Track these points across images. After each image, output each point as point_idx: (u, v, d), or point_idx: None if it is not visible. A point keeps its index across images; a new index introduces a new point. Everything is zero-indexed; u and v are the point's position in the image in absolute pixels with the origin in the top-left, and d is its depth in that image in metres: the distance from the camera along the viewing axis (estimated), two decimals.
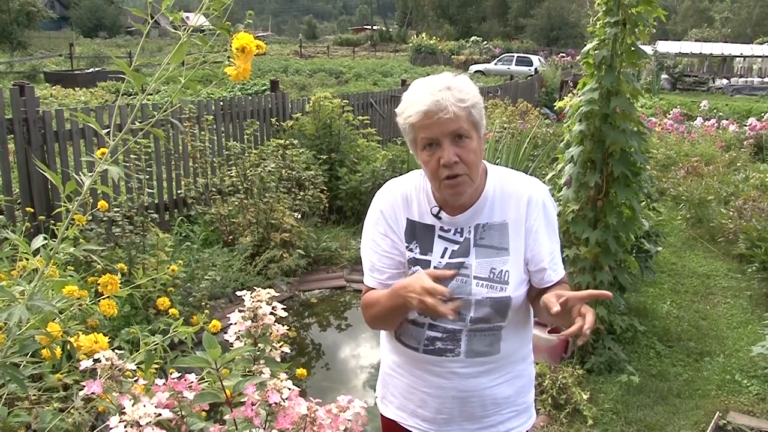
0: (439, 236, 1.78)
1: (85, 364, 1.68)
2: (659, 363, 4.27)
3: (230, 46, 1.63)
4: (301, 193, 5.94)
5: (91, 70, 23.25)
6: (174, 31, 1.69)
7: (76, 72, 22.78)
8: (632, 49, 3.84)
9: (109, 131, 1.86)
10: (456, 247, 1.76)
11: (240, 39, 1.62)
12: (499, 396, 1.82)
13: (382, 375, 2.00)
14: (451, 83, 1.64)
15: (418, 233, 1.80)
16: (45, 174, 5.10)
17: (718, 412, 3.64)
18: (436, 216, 1.79)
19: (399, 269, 1.82)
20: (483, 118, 1.69)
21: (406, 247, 1.81)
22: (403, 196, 1.84)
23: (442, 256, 1.76)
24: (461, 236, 1.76)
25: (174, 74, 1.72)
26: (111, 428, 1.38)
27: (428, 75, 1.78)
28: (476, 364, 1.76)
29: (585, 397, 3.65)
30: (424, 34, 42.56)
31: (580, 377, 3.82)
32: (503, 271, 1.73)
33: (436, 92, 1.62)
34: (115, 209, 4.60)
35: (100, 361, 1.70)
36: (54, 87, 17.62)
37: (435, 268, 1.75)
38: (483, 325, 1.74)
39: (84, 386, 1.58)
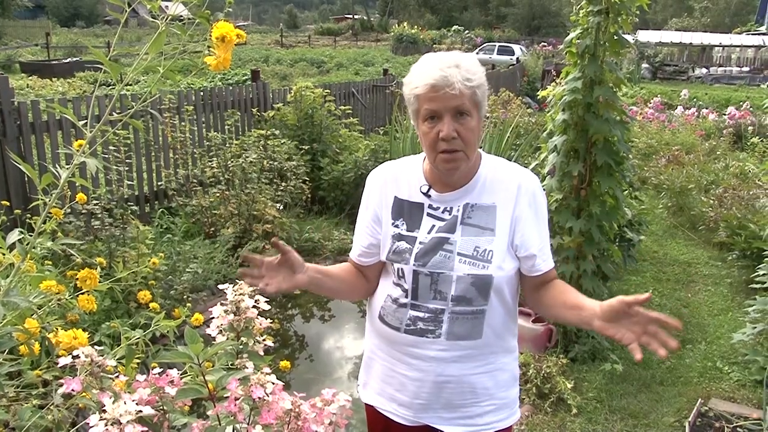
0: (428, 214, 1.81)
1: (64, 360, 1.64)
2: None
3: (210, 36, 1.60)
4: (283, 184, 5.89)
5: (68, 60, 22.92)
6: (152, 20, 1.65)
7: (53, 62, 22.45)
8: (615, 38, 3.83)
9: (87, 123, 1.82)
10: (443, 224, 1.78)
11: (220, 28, 1.59)
12: (478, 385, 1.81)
13: (365, 360, 2.01)
14: (460, 62, 1.68)
15: (405, 211, 1.83)
16: (21, 167, 4.96)
17: (700, 399, 3.67)
18: (426, 194, 1.81)
19: (370, 249, 1.88)
20: (485, 100, 1.74)
21: (392, 223, 1.83)
22: (392, 176, 1.89)
23: (429, 232, 1.78)
24: (449, 214, 1.79)
25: (153, 64, 1.68)
26: (91, 427, 1.35)
27: (410, 64, 1.79)
28: (456, 348, 1.76)
29: (569, 386, 3.66)
30: (405, 24, 42.36)
31: (564, 366, 3.83)
32: (487, 251, 1.74)
33: (445, 68, 1.65)
34: (94, 202, 4.53)
35: (79, 358, 1.67)
36: (30, 77, 17.39)
37: (420, 243, 1.77)
38: (465, 307, 1.74)
39: (63, 383, 1.54)
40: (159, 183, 6.27)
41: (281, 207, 5.64)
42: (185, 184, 6.04)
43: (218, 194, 5.59)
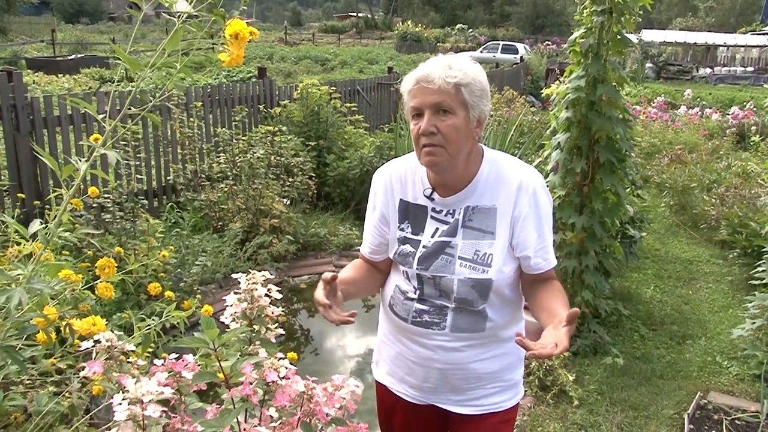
0: (432, 217, 1.84)
1: (86, 344, 1.72)
2: (643, 346, 4.37)
3: (223, 33, 1.66)
4: (290, 180, 5.96)
5: (73, 56, 23.01)
6: (167, 17, 1.72)
7: (59, 58, 22.53)
8: (618, 37, 3.90)
9: (105, 116, 1.88)
10: (446, 227, 1.81)
11: (233, 26, 1.66)
12: (482, 371, 1.87)
13: (377, 341, 2.09)
14: (452, 62, 1.70)
15: (410, 214, 1.87)
16: (34, 161, 5.05)
17: (699, 392, 3.74)
18: (429, 197, 1.84)
19: (380, 248, 1.94)
20: (479, 99, 1.72)
21: (398, 226, 1.88)
22: (398, 178, 1.91)
23: (432, 236, 1.82)
24: (452, 217, 1.82)
25: (169, 60, 1.75)
26: (114, 405, 1.42)
27: (414, 63, 1.84)
28: (461, 339, 1.82)
29: (571, 378, 3.73)
30: (409, 22, 42.47)
31: (566, 360, 3.90)
32: (487, 254, 1.77)
33: (432, 67, 1.69)
34: (105, 195, 4.61)
35: (100, 342, 1.75)
36: (36, 73, 17.45)
37: (423, 247, 1.82)
38: (467, 306, 1.79)
39: (82, 368, 1.61)
40: (168, 178, 6.34)
41: (288, 202, 5.71)
42: (193, 179, 6.12)
43: (226, 189, 5.67)
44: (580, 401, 3.63)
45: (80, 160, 1.81)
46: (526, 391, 3.66)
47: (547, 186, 4.13)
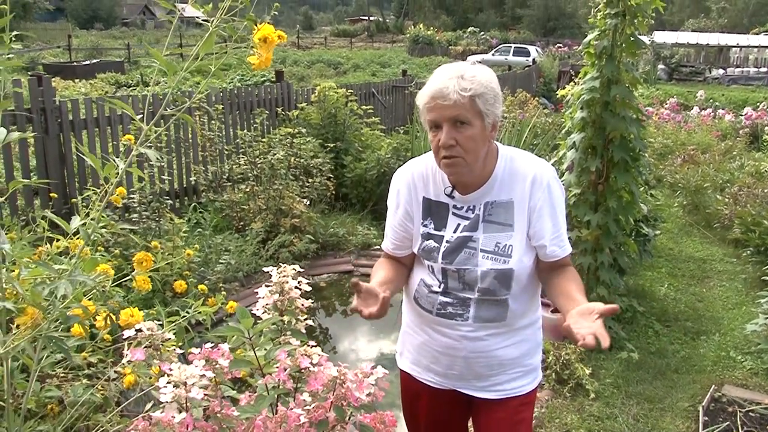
0: (453, 213, 1.95)
1: (128, 333, 1.83)
2: (657, 341, 4.44)
3: (253, 37, 1.77)
4: (309, 181, 6.08)
5: (89, 61, 23.32)
6: (202, 22, 1.82)
7: (75, 64, 22.84)
8: (631, 39, 3.99)
9: (143, 117, 2.00)
10: (467, 222, 1.92)
11: (262, 30, 1.77)
12: (504, 357, 1.97)
13: (401, 332, 2.18)
14: (465, 72, 1.76)
15: (433, 211, 1.97)
16: (62, 163, 5.14)
17: (713, 386, 3.82)
18: (450, 195, 1.95)
19: (404, 243, 2.02)
20: (493, 106, 1.79)
21: (422, 223, 1.98)
22: (419, 176, 2.01)
23: (455, 231, 1.93)
24: (473, 213, 1.92)
25: (203, 63, 1.86)
26: (160, 388, 1.53)
27: (426, 66, 1.91)
28: (483, 328, 1.92)
29: (587, 372, 3.82)
30: (421, 25, 42.53)
31: (582, 354, 3.98)
32: (507, 246, 1.88)
33: (446, 79, 1.75)
34: (130, 196, 4.74)
35: (141, 331, 1.86)
36: (53, 78, 17.65)
37: (447, 242, 1.92)
38: (490, 296, 1.89)
39: (120, 356, 1.72)
40: (190, 179, 6.47)
41: (307, 203, 5.83)
42: (214, 180, 6.24)
43: (247, 190, 5.79)
44: (597, 394, 3.72)
45: (109, 161, 1.90)
46: (543, 384, 3.74)
47: (563, 184, 4.24)
